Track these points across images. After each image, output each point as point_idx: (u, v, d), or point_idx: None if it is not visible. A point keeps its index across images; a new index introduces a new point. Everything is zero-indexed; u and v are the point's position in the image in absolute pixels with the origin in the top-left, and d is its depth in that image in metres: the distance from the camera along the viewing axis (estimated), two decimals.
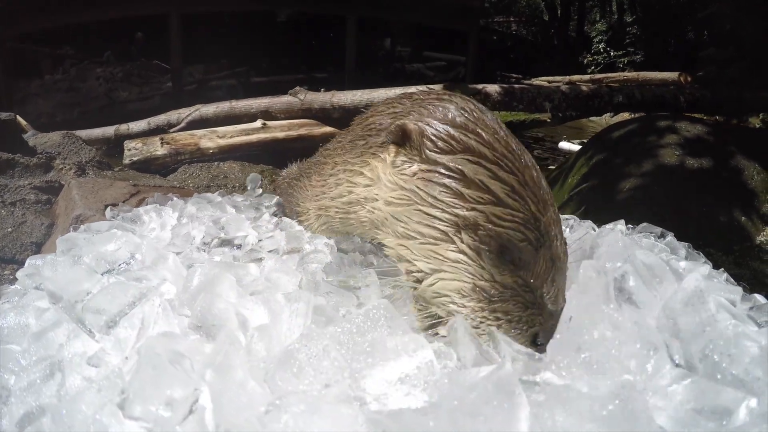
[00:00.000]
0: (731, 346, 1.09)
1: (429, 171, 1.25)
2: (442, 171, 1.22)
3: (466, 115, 1.27)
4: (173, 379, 0.84)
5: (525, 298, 1.15)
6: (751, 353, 1.07)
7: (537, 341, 1.14)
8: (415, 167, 1.28)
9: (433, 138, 1.26)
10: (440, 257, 1.21)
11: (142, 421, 0.81)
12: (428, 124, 1.29)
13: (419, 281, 1.27)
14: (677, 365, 1.13)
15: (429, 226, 1.23)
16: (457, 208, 1.19)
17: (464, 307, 1.18)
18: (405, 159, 1.31)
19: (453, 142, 1.23)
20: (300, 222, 2.00)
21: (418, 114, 1.35)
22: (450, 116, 1.28)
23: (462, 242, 1.18)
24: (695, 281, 1.27)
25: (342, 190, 1.57)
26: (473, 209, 1.17)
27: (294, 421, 0.75)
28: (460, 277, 1.19)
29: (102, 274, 1.45)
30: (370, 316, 0.99)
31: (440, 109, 1.31)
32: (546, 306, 1.15)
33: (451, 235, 1.20)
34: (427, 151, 1.26)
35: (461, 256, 1.19)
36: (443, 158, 1.23)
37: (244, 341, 1.01)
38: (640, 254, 1.27)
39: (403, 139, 1.32)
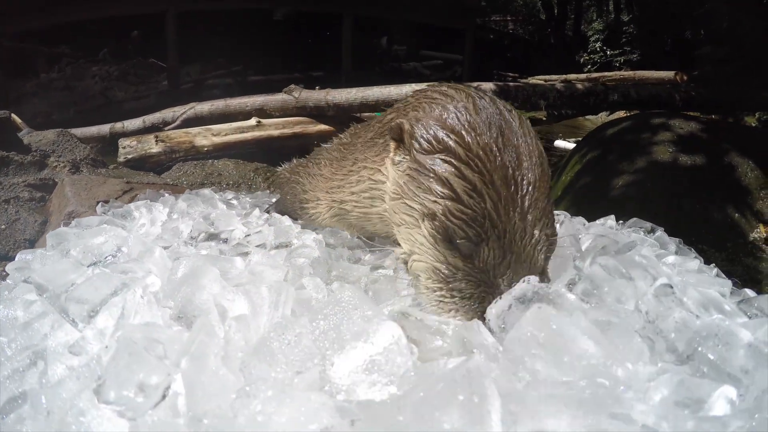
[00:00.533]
0: (718, 340, 1.10)
1: (413, 168, 1.36)
2: (421, 168, 1.33)
3: (459, 116, 1.34)
4: (148, 365, 0.86)
5: (476, 277, 1.23)
6: (739, 346, 1.08)
7: (486, 317, 1.19)
8: (405, 164, 1.39)
9: (420, 138, 1.36)
10: (413, 239, 1.36)
11: (116, 406, 0.83)
12: (421, 125, 1.38)
13: (406, 262, 1.40)
14: (662, 360, 1.13)
15: (408, 215, 1.37)
16: (426, 201, 1.30)
17: (428, 288, 1.29)
18: (400, 157, 1.43)
19: (435, 143, 1.33)
20: (304, 209, 2.02)
21: (422, 111, 1.43)
22: (444, 117, 1.36)
23: (425, 228, 1.31)
24: (666, 280, 1.29)
25: (364, 186, 1.67)
26: (435, 202, 1.28)
27: (263, 407, 0.77)
28: (425, 258, 1.32)
29: (88, 267, 1.47)
30: (343, 304, 1.01)
31: (439, 108, 1.39)
32: (499, 285, 1.20)
33: (419, 222, 1.33)
34: (414, 151, 1.36)
35: (424, 240, 1.31)
36: (424, 157, 1.33)
37: (222, 331, 1.03)
38: (601, 259, 1.31)
39: (400, 137, 1.42)
